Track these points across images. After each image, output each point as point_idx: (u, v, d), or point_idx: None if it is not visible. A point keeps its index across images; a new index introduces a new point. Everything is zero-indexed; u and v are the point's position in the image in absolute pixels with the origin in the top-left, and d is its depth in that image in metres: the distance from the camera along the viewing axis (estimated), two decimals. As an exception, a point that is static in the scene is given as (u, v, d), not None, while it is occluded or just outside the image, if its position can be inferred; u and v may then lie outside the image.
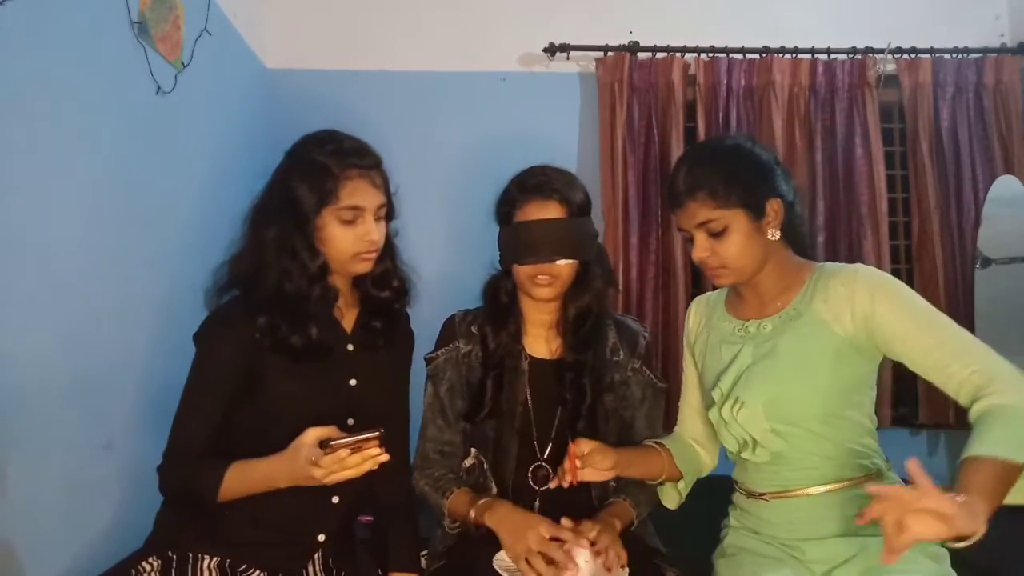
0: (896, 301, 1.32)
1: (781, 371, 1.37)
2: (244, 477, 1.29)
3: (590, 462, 1.40)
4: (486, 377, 1.57)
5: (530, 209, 1.55)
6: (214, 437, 1.35)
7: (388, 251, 1.50)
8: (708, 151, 1.50)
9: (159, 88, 1.98)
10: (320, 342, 1.37)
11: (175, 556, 1.30)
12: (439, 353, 1.63)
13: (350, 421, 1.38)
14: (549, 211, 1.54)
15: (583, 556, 1.33)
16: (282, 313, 1.35)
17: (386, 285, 1.50)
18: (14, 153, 1.45)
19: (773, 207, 1.39)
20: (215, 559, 1.31)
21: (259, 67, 2.86)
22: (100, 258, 1.74)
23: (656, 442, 1.55)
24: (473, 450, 1.58)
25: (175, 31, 2.05)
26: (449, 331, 1.65)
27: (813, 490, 1.38)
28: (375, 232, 1.40)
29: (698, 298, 1.65)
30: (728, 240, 1.38)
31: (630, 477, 1.50)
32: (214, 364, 1.37)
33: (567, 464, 1.39)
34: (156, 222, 2.00)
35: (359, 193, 1.38)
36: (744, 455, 1.43)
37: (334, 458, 1.20)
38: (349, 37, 2.97)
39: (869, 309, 1.32)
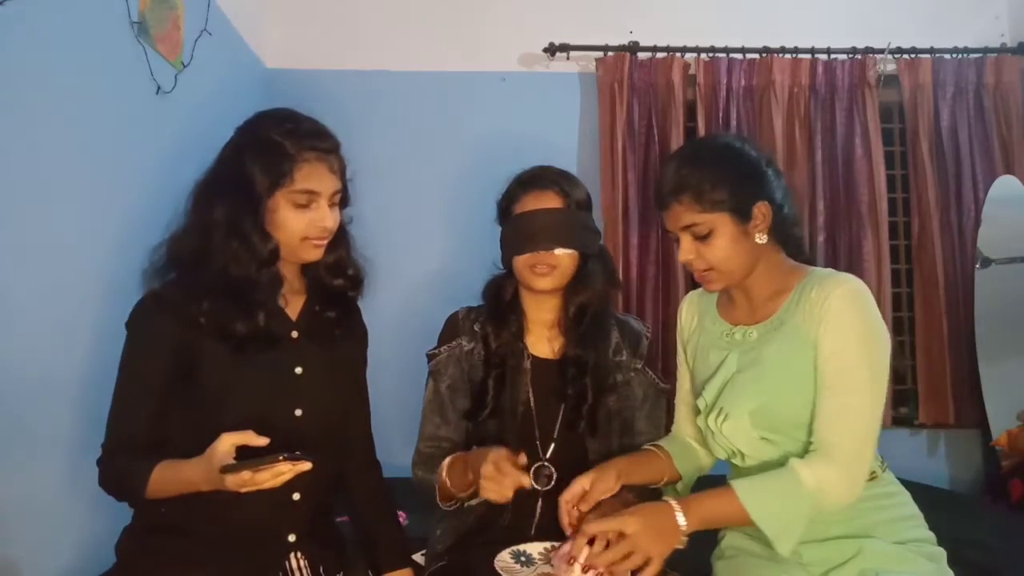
0: (834, 337, 1.30)
1: (766, 381, 1.35)
2: (168, 479, 1.24)
3: (593, 493, 1.37)
4: (488, 376, 1.57)
5: (528, 200, 1.56)
6: (152, 427, 1.29)
7: (342, 239, 1.44)
8: (695, 151, 1.47)
9: (159, 88, 1.98)
10: (266, 330, 1.31)
11: None
12: (441, 350, 1.63)
13: (298, 412, 1.33)
14: (547, 201, 1.55)
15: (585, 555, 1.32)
16: (227, 298, 1.29)
17: (340, 273, 1.44)
18: (14, 153, 1.45)
19: (760, 210, 1.36)
20: None
21: (259, 67, 2.86)
22: (100, 258, 1.74)
23: (655, 445, 1.54)
24: (475, 448, 1.57)
25: (175, 31, 2.05)
26: (452, 328, 1.65)
27: None
28: (329, 218, 1.34)
29: (691, 294, 1.62)
30: (714, 244, 1.35)
31: (633, 484, 1.49)
32: (148, 350, 1.30)
33: (565, 520, 1.36)
34: (156, 222, 1.99)
35: (315, 177, 1.32)
36: (735, 461, 1.42)
37: (238, 480, 1.14)
38: (349, 37, 2.97)
39: (817, 330, 1.31)
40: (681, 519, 1.24)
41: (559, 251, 1.52)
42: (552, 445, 1.57)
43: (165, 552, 1.29)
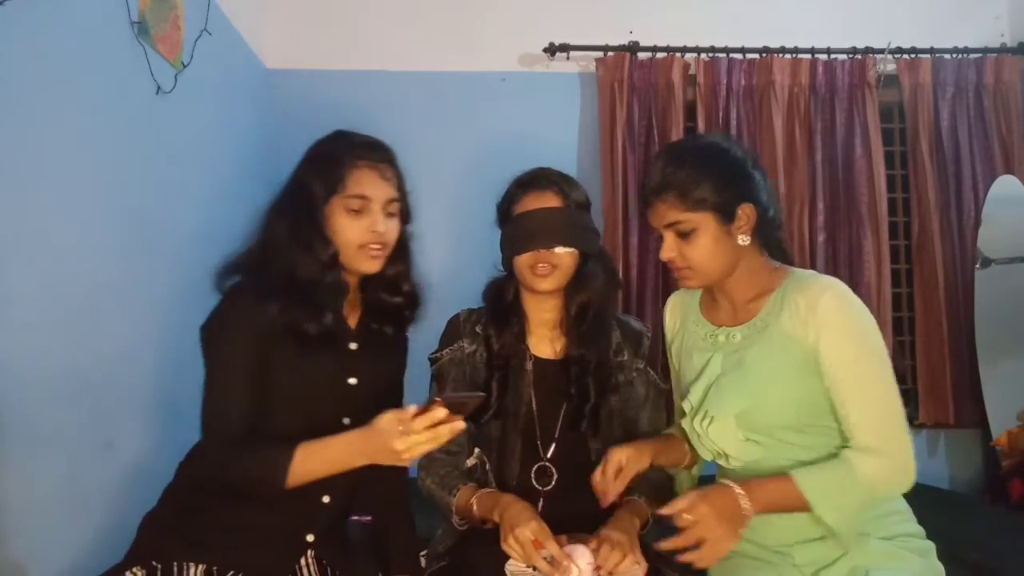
0: (839, 346, 1.31)
1: (751, 383, 1.35)
2: (315, 458, 1.26)
3: (628, 471, 1.37)
4: (491, 378, 1.57)
5: (527, 201, 1.57)
6: (250, 421, 1.32)
7: (403, 255, 1.48)
8: (682, 150, 1.46)
9: (159, 88, 1.98)
10: (332, 330, 1.35)
11: (159, 565, 1.27)
12: (443, 352, 1.63)
13: (346, 420, 1.36)
14: (547, 201, 1.55)
15: (585, 557, 1.32)
16: (295, 299, 1.33)
17: (397, 290, 1.48)
18: (14, 153, 1.45)
19: (744, 212, 1.36)
20: (201, 567, 1.28)
21: (259, 67, 2.86)
22: (100, 258, 1.74)
23: (671, 433, 1.54)
24: (476, 450, 1.57)
25: (175, 31, 2.05)
26: (454, 330, 1.65)
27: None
28: (381, 224, 1.38)
29: (674, 295, 1.62)
30: (696, 243, 1.35)
31: (660, 464, 1.48)
32: (233, 348, 1.33)
33: (602, 485, 1.36)
34: (156, 222, 2.00)
35: (365, 182, 1.38)
36: (720, 463, 1.42)
37: (429, 419, 1.17)
38: (349, 37, 2.97)
39: (816, 339, 1.31)
40: (745, 503, 1.25)
41: (560, 250, 1.52)
42: (553, 445, 1.57)
43: (183, 536, 1.31)
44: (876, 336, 1.34)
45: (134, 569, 1.28)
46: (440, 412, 1.17)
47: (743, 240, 1.37)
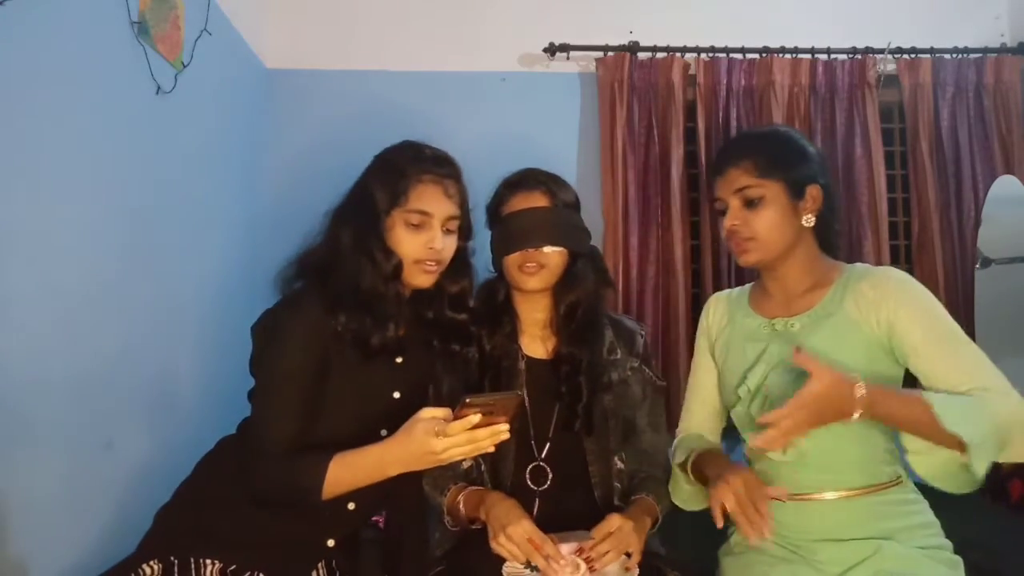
0: (918, 313, 1.33)
1: None
2: (351, 467, 1.24)
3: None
4: (482, 378, 1.57)
5: (515, 201, 1.58)
6: (303, 430, 1.30)
7: (465, 270, 1.49)
8: (759, 130, 1.54)
9: (159, 88, 1.98)
10: (393, 342, 1.36)
11: (176, 560, 1.27)
12: None
13: (383, 432, 1.33)
14: (534, 201, 1.56)
15: (568, 550, 1.33)
16: (362, 309, 1.33)
17: (463, 307, 1.48)
18: (14, 153, 1.45)
19: (812, 192, 1.39)
20: (218, 564, 1.28)
21: (259, 67, 2.85)
22: (100, 258, 1.74)
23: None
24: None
25: (175, 31, 2.05)
26: None
27: (830, 495, 1.36)
28: (439, 240, 1.38)
29: (717, 295, 1.63)
30: (762, 212, 1.38)
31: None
32: (294, 353, 1.32)
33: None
34: (156, 222, 2.00)
35: (427, 197, 1.38)
36: (771, 453, 1.39)
37: (464, 424, 1.14)
38: (349, 37, 2.97)
39: (893, 316, 1.33)
40: (860, 391, 1.20)
41: (548, 249, 1.53)
42: (547, 445, 1.57)
43: (201, 532, 1.30)
44: (942, 307, 1.38)
45: (151, 562, 1.28)
46: (474, 417, 1.15)
47: (807, 220, 1.39)
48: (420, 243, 1.37)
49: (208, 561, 1.28)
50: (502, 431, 1.17)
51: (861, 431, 1.35)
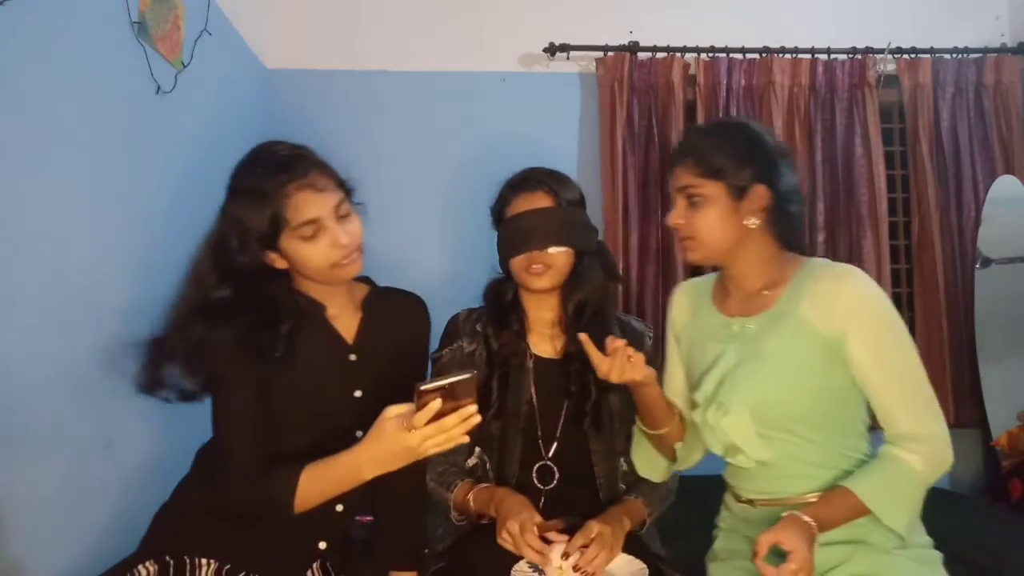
0: (870, 332, 1.30)
1: (767, 374, 1.33)
2: (322, 478, 1.22)
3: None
4: (491, 377, 1.57)
5: (519, 202, 1.57)
6: (264, 440, 1.28)
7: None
8: (713, 124, 1.50)
9: (159, 88, 1.98)
10: (288, 338, 1.31)
11: (172, 561, 1.27)
12: (444, 352, 1.63)
13: (358, 433, 1.30)
14: (537, 201, 1.56)
15: (556, 551, 1.33)
16: (258, 324, 1.29)
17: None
18: (14, 153, 1.45)
19: (757, 192, 1.35)
20: (213, 564, 1.28)
21: (259, 67, 2.85)
22: (100, 257, 1.74)
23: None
24: (477, 449, 1.57)
25: (175, 31, 2.05)
26: (453, 330, 1.65)
27: (801, 499, 1.34)
28: (343, 234, 1.30)
29: (683, 284, 1.59)
30: (703, 213, 1.35)
31: (643, 403, 1.46)
32: (235, 380, 1.31)
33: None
34: (156, 222, 1.99)
35: (304, 206, 1.28)
36: (729, 459, 1.40)
37: (427, 413, 1.11)
38: (349, 37, 2.97)
39: (843, 327, 1.30)
40: (813, 526, 1.25)
41: (553, 250, 1.53)
42: (554, 444, 1.57)
43: (198, 532, 1.30)
44: (900, 320, 1.34)
45: (146, 563, 1.27)
46: (435, 404, 1.12)
47: (750, 222, 1.36)
48: (325, 247, 1.29)
49: (204, 561, 1.28)
50: (470, 414, 1.14)
51: (819, 435, 1.34)
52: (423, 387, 1.12)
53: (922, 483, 1.28)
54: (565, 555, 1.33)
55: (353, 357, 1.39)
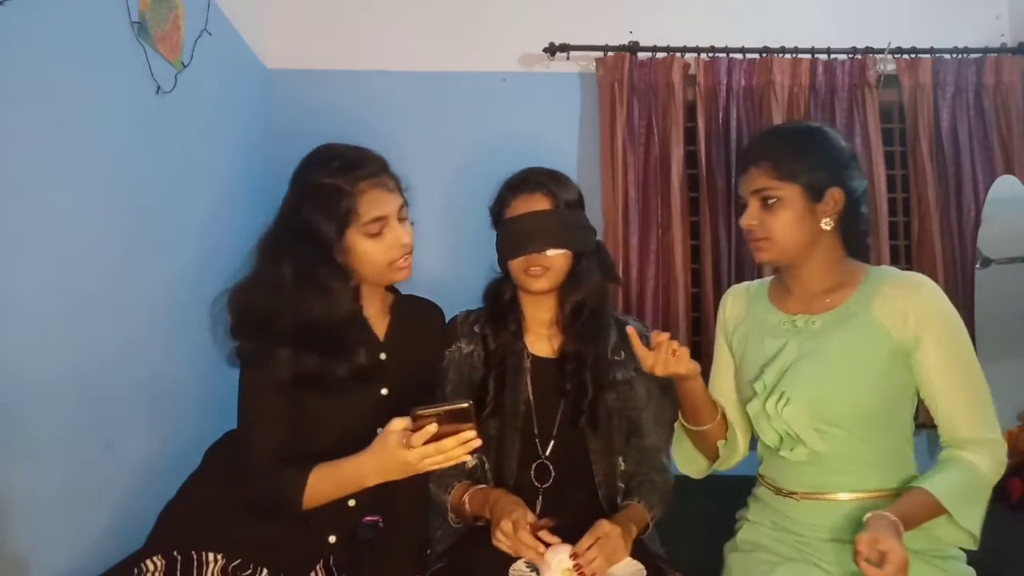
0: (943, 341, 1.33)
1: (830, 370, 1.35)
2: (329, 479, 1.27)
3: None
4: (488, 376, 1.58)
5: (517, 204, 1.58)
6: (290, 437, 1.32)
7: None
8: (787, 127, 1.52)
9: (159, 88, 1.98)
10: (364, 367, 1.36)
11: (180, 556, 1.28)
12: (444, 354, 1.63)
13: (379, 431, 1.31)
14: (535, 204, 1.56)
15: (558, 555, 1.33)
16: (319, 346, 1.32)
17: None
18: (14, 153, 1.45)
19: (833, 195, 1.37)
20: (220, 560, 1.29)
21: (259, 67, 2.86)
22: (100, 258, 1.74)
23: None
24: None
25: (175, 31, 2.05)
26: (451, 332, 1.66)
27: (846, 496, 1.36)
28: (404, 235, 1.39)
29: (735, 288, 1.62)
30: (778, 214, 1.37)
31: (686, 398, 1.47)
32: (265, 381, 1.33)
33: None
34: (156, 222, 2.00)
35: (377, 203, 1.36)
36: (783, 452, 1.40)
37: (423, 435, 1.16)
38: (349, 37, 2.97)
39: (918, 333, 1.33)
40: (900, 524, 1.25)
41: (551, 252, 1.53)
42: (551, 443, 1.57)
43: (205, 527, 1.31)
44: (966, 329, 1.38)
45: (154, 558, 1.28)
46: (431, 427, 1.17)
47: (826, 224, 1.38)
48: (387, 246, 1.37)
49: (211, 556, 1.29)
50: (470, 439, 1.19)
51: (872, 434, 1.36)
52: (419, 412, 1.18)
53: (989, 485, 1.32)
54: (574, 555, 1.33)
55: (383, 356, 1.44)
